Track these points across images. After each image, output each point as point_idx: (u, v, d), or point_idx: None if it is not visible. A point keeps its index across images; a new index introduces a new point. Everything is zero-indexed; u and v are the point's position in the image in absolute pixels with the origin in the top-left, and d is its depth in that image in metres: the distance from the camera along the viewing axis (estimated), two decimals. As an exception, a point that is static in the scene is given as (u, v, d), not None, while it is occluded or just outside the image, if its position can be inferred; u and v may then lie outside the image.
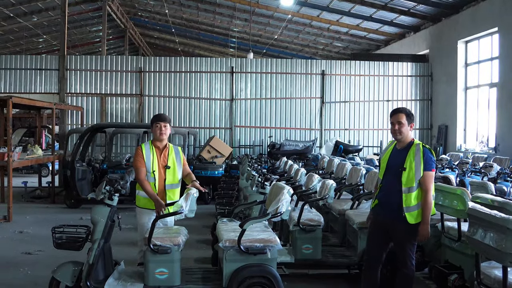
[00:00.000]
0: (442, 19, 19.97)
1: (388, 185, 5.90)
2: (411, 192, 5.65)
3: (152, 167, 6.73)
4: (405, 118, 5.83)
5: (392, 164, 5.91)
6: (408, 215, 5.65)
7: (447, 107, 19.74)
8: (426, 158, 5.66)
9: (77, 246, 6.10)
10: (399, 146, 5.93)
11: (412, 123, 5.88)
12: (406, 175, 5.66)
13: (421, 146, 5.73)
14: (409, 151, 5.75)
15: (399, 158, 5.81)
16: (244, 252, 5.85)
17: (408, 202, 5.65)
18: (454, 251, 6.60)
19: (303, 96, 20.72)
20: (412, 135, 5.94)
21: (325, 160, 13.84)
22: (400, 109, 5.99)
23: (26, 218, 12.75)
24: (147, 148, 6.85)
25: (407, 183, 5.66)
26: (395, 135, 5.89)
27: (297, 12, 23.91)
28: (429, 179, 5.66)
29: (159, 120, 6.87)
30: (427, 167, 5.64)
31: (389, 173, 5.92)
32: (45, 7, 26.00)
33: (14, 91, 19.58)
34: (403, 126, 5.82)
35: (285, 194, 6.13)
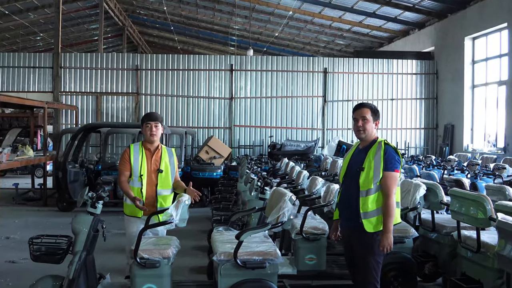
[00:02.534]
0: (448, 15, 19.45)
1: (347, 189, 5.23)
2: (368, 195, 4.96)
3: (139, 170, 6.16)
4: (370, 113, 5.17)
5: (352, 166, 5.24)
6: (365, 222, 4.96)
7: (453, 106, 19.21)
8: (388, 156, 4.98)
9: (57, 259, 5.49)
10: (362, 145, 5.27)
11: (377, 120, 5.21)
12: (364, 175, 4.99)
13: (383, 144, 5.06)
14: (370, 150, 5.10)
15: (359, 157, 5.17)
16: (241, 266, 5.24)
17: (366, 207, 4.96)
18: (472, 263, 6.01)
19: (305, 95, 20.19)
20: (376, 133, 5.25)
21: (328, 161, 13.29)
22: (364, 103, 5.33)
23: (15, 222, 12.20)
24: (136, 149, 6.27)
25: (364, 185, 4.98)
26: (358, 133, 5.20)
27: (298, 8, 23.37)
28: (390, 180, 4.94)
29: (149, 120, 6.28)
30: (388, 166, 4.95)
31: (348, 176, 5.25)
32: (41, 4, 25.57)
33: (7, 89, 19.08)
34: (367, 122, 5.15)
35: (287, 202, 5.53)
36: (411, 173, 11.12)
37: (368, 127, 5.15)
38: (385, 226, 4.92)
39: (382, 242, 4.91)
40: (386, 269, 6.32)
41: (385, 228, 4.92)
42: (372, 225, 4.96)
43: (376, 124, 5.20)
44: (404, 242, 6.55)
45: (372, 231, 4.96)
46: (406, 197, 7.04)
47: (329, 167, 12.59)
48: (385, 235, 4.91)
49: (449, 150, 18.75)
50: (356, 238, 5.07)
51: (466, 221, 6.03)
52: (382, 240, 4.91)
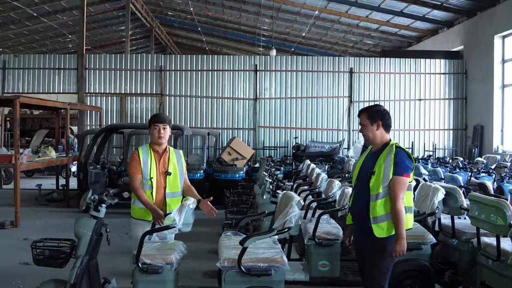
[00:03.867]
0: (478, 13, 19.02)
1: (358, 193, 5.05)
2: (378, 200, 4.77)
3: (149, 173, 5.97)
4: (366, 117, 4.99)
5: (363, 169, 5.06)
6: (375, 227, 4.76)
7: (482, 106, 18.74)
8: (398, 160, 4.78)
9: (59, 263, 5.35)
10: (374, 148, 5.09)
11: (378, 121, 4.97)
12: (374, 179, 4.80)
13: (394, 147, 4.86)
14: (381, 153, 4.91)
15: (371, 161, 4.98)
16: (246, 273, 5.05)
17: (375, 212, 4.77)
18: (492, 271, 5.73)
19: (330, 95, 19.95)
20: (387, 135, 5.05)
21: (351, 163, 13.02)
22: (363, 108, 5.15)
23: (35, 223, 12.15)
24: (144, 152, 6.09)
25: (374, 189, 4.79)
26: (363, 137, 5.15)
27: (325, 8, 23.12)
28: (398, 185, 4.73)
29: (158, 122, 6.09)
30: (397, 170, 4.75)
31: (360, 180, 5.06)
32: (68, 6, 25.74)
33: (33, 91, 19.32)
34: (364, 128, 5.01)
35: (294, 207, 5.31)
36: (435, 176, 10.79)
37: (367, 132, 5.03)
38: (397, 232, 4.73)
39: (394, 247, 4.73)
40: (402, 276, 6.11)
41: (397, 234, 4.74)
42: (383, 230, 4.77)
43: (378, 125, 4.98)
44: (421, 248, 6.28)
45: (382, 236, 4.77)
46: (424, 202, 6.78)
47: (352, 169, 12.32)
48: (398, 241, 4.72)
49: (478, 152, 18.31)
50: (366, 243, 4.89)
51: (485, 228, 5.75)
52: (395, 246, 4.73)
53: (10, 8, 24.43)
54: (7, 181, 19.04)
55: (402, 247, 4.71)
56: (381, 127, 4.98)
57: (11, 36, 30.03)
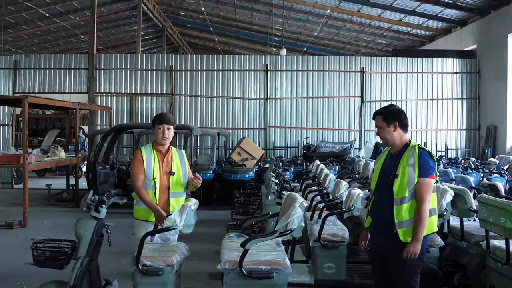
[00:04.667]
0: (491, 11, 18.77)
1: (380, 197, 4.93)
2: (403, 204, 4.67)
3: (152, 173, 5.90)
4: (382, 119, 4.90)
5: (384, 172, 4.94)
6: (400, 232, 4.67)
7: (496, 106, 18.51)
8: (422, 162, 4.67)
9: (59, 264, 5.30)
10: (393, 150, 4.97)
11: (394, 122, 4.86)
12: (398, 183, 4.69)
13: (417, 148, 4.75)
14: (403, 155, 4.79)
15: (392, 164, 4.86)
16: (247, 276, 4.96)
17: (400, 216, 4.67)
18: (501, 275, 5.59)
19: (342, 95, 19.80)
20: (406, 136, 4.94)
21: (361, 163, 12.88)
22: (377, 110, 5.06)
23: (43, 224, 12.16)
24: (147, 151, 6.01)
25: (399, 193, 4.69)
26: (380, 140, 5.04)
27: (336, 7, 22.96)
28: (425, 187, 4.64)
29: (162, 122, 6.01)
30: (422, 173, 4.65)
31: (381, 183, 4.94)
32: (80, 6, 25.76)
33: (44, 91, 19.39)
34: (381, 130, 4.93)
35: (297, 208, 5.20)
36: (446, 177, 10.62)
37: (384, 134, 4.94)
38: (415, 234, 4.64)
39: (408, 248, 4.63)
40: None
41: (414, 236, 4.64)
42: (409, 235, 4.68)
43: (395, 126, 4.87)
44: (429, 251, 6.14)
45: (406, 240, 4.67)
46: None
47: (362, 170, 12.20)
48: (413, 243, 4.63)
49: (492, 152, 18.07)
50: (392, 249, 4.77)
51: (494, 231, 5.61)
52: (409, 246, 4.63)
53: (22, 8, 24.51)
54: (18, 181, 19.09)
55: (416, 249, 4.64)
56: (398, 127, 4.88)
57: (23, 36, 30.13)
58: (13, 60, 19.74)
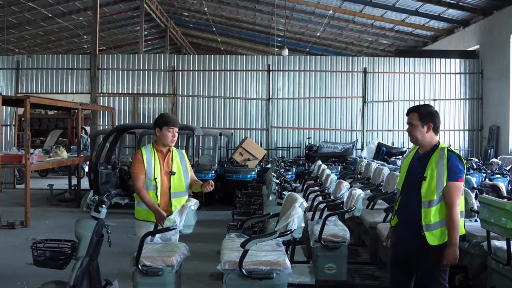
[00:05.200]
0: (494, 11, 18.75)
1: (407, 198, 4.90)
2: (431, 207, 4.63)
3: (153, 173, 5.89)
4: (417, 118, 4.81)
5: (412, 173, 4.90)
6: (428, 235, 4.63)
7: (499, 107, 18.49)
8: (451, 164, 4.62)
9: (59, 264, 5.30)
10: (421, 150, 4.91)
11: (429, 123, 4.80)
12: (426, 185, 4.65)
13: (446, 151, 4.69)
14: (431, 157, 4.73)
15: (420, 165, 4.81)
16: (247, 277, 4.94)
17: (428, 219, 4.64)
18: (503, 276, 5.55)
19: (344, 95, 19.80)
20: (436, 137, 4.88)
21: (363, 164, 12.87)
22: (414, 107, 4.96)
23: (45, 224, 12.18)
24: (148, 152, 6.01)
25: (427, 195, 4.64)
26: (409, 137, 4.96)
27: (339, 7, 22.95)
28: (454, 190, 4.60)
29: (172, 125, 6.01)
30: (452, 176, 4.60)
31: (408, 184, 4.91)
32: (83, 6, 25.80)
33: (46, 91, 19.42)
34: (414, 128, 4.84)
35: (297, 208, 5.18)
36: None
37: (416, 133, 4.85)
38: (450, 239, 4.61)
39: (447, 256, 4.60)
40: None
41: (450, 241, 4.61)
42: (436, 238, 4.66)
43: (429, 127, 4.82)
44: None
45: (436, 243, 4.65)
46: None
47: (364, 170, 12.18)
48: (451, 249, 4.61)
49: (494, 153, 18.05)
50: (419, 251, 4.74)
51: (496, 231, 5.58)
52: (447, 254, 4.60)
53: (25, 9, 24.55)
54: (20, 181, 19.13)
55: (454, 255, 4.62)
56: (431, 129, 4.83)
57: (26, 37, 30.18)
58: (15, 60, 19.78)
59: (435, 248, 4.63)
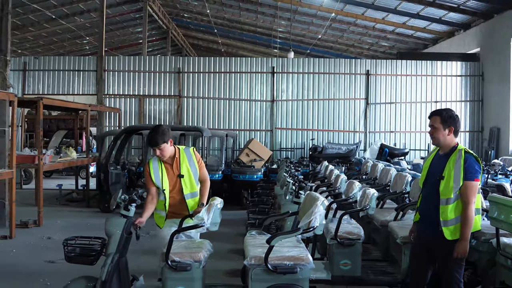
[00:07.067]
0: (494, 15, 19.01)
1: (427, 195, 5.23)
2: (448, 204, 4.95)
3: (161, 185, 6.09)
4: (440, 121, 5.09)
5: (432, 172, 5.22)
6: (445, 230, 4.96)
7: (499, 109, 18.75)
8: (468, 165, 4.93)
9: (90, 260, 5.53)
10: (441, 151, 5.23)
11: (450, 127, 5.08)
12: (444, 184, 4.97)
13: (463, 152, 4.99)
14: (450, 158, 5.04)
15: (439, 165, 5.12)
16: (272, 271, 5.18)
17: (445, 215, 4.97)
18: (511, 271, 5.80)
19: (347, 97, 20.06)
20: (455, 139, 5.17)
21: (368, 164, 13.08)
22: (436, 111, 5.27)
23: (57, 223, 12.36)
24: (155, 165, 6.18)
25: (444, 194, 4.97)
26: (432, 140, 5.26)
27: (341, 10, 23.22)
28: (470, 190, 4.91)
29: (150, 145, 6.15)
30: (468, 176, 4.91)
31: (428, 182, 5.24)
32: (86, 8, 25.98)
33: (53, 92, 19.60)
34: (436, 131, 5.12)
35: (319, 206, 5.43)
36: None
37: (438, 135, 5.13)
38: (462, 234, 4.94)
39: (458, 249, 4.93)
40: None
41: (461, 236, 4.94)
42: (452, 233, 4.97)
43: (450, 131, 5.10)
44: None
45: (451, 238, 4.97)
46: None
47: (370, 171, 12.41)
48: (461, 243, 4.94)
49: (495, 154, 18.29)
50: (437, 245, 5.09)
51: (505, 228, 5.82)
52: (458, 247, 4.93)
53: (29, 10, 24.70)
54: (26, 181, 19.32)
55: (465, 249, 4.95)
56: (452, 132, 5.11)
57: (29, 38, 30.35)
58: (22, 62, 19.99)
59: (451, 243, 4.95)
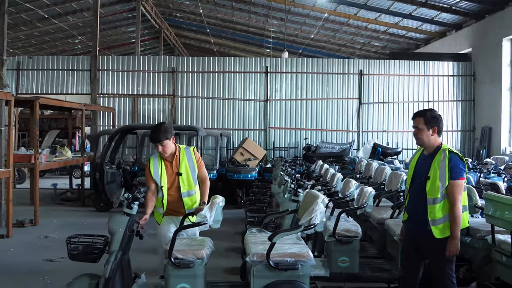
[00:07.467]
0: (486, 16, 19.17)
1: (414, 195, 5.34)
2: (435, 204, 5.06)
3: (160, 182, 6.25)
4: (423, 122, 5.22)
5: (418, 172, 5.33)
6: (434, 229, 5.07)
7: (491, 108, 18.93)
8: (453, 165, 5.04)
9: (93, 258, 5.61)
10: (426, 151, 5.34)
11: (434, 127, 5.20)
12: (430, 184, 5.08)
13: (448, 152, 5.09)
14: (434, 158, 5.15)
15: (424, 165, 5.23)
16: (274, 268, 5.27)
17: (433, 215, 5.08)
18: (507, 267, 5.93)
19: (340, 97, 20.17)
20: (439, 139, 5.28)
21: (362, 163, 13.20)
22: (419, 112, 5.39)
23: (53, 222, 12.41)
24: (155, 162, 6.35)
25: (431, 193, 5.08)
26: (416, 141, 5.38)
27: (334, 10, 23.32)
28: (456, 189, 5.02)
29: (152, 141, 6.28)
30: (453, 175, 5.02)
31: (415, 183, 5.35)
32: (79, 8, 25.95)
33: (46, 91, 19.57)
34: (420, 131, 5.25)
35: (319, 204, 5.54)
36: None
37: (422, 136, 5.25)
38: (452, 232, 5.04)
39: (449, 248, 5.03)
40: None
41: (452, 235, 5.04)
42: (440, 232, 5.07)
43: (433, 131, 5.21)
44: None
45: (440, 237, 5.07)
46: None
47: (364, 170, 12.53)
48: (452, 241, 5.03)
49: (486, 153, 18.47)
50: (426, 244, 5.20)
51: (500, 225, 5.96)
52: (449, 245, 5.03)
53: (22, 9, 24.63)
54: (19, 181, 19.32)
55: (456, 246, 5.04)
56: (436, 132, 5.22)
57: (21, 37, 30.24)
58: (16, 61, 19.95)
59: (441, 241, 5.06)
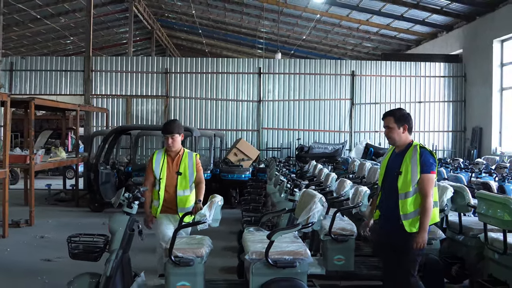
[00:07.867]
0: (477, 17, 19.32)
1: (387, 192, 5.48)
2: (407, 198, 5.22)
3: (160, 174, 6.56)
4: (393, 121, 5.39)
5: (389, 169, 5.50)
6: (405, 223, 5.22)
7: (481, 109, 19.10)
8: (424, 159, 5.21)
9: (94, 257, 5.68)
10: (397, 149, 5.51)
11: (404, 125, 5.38)
12: (402, 179, 5.24)
13: (419, 147, 5.29)
14: (406, 154, 5.32)
15: (396, 162, 5.40)
16: (272, 265, 5.40)
17: (405, 209, 5.22)
18: (499, 264, 6.08)
19: (333, 98, 20.31)
20: (410, 137, 5.46)
21: (355, 163, 13.31)
22: (388, 112, 5.58)
23: (48, 222, 12.47)
24: (158, 156, 6.71)
25: (403, 188, 5.24)
26: (388, 140, 5.54)
27: (326, 11, 23.40)
28: (427, 182, 5.18)
29: (165, 132, 6.65)
30: (424, 169, 5.19)
31: (387, 180, 5.51)
32: (71, 8, 25.90)
33: (40, 92, 19.57)
34: (391, 130, 5.41)
35: (317, 203, 5.68)
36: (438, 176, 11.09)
37: (393, 134, 5.41)
38: (421, 225, 5.17)
39: (417, 240, 5.14)
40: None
41: (420, 227, 5.16)
42: (412, 226, 5.20)
43: (404, 129, 5.37)
44: (431, 243, 6.63)
45: (412, 231, 5.19)
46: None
47: (357, 170, 12.64)
48: (420, 234, 5.16)
49: (477, 153, 18.64)
50: (397, 238, 5.29)
51: (493, 223, 6.10)
52: (417, 238, 5.15)
53: (14, 10, 24.56)
54: (12, 181, 19.29)
55: (424, 238, 5.16)
56: (406, 130, 5.38)
57: (13, 38, 30.13)
58: (9, 62, 19.95)
59: (411, 235, 5.19)
